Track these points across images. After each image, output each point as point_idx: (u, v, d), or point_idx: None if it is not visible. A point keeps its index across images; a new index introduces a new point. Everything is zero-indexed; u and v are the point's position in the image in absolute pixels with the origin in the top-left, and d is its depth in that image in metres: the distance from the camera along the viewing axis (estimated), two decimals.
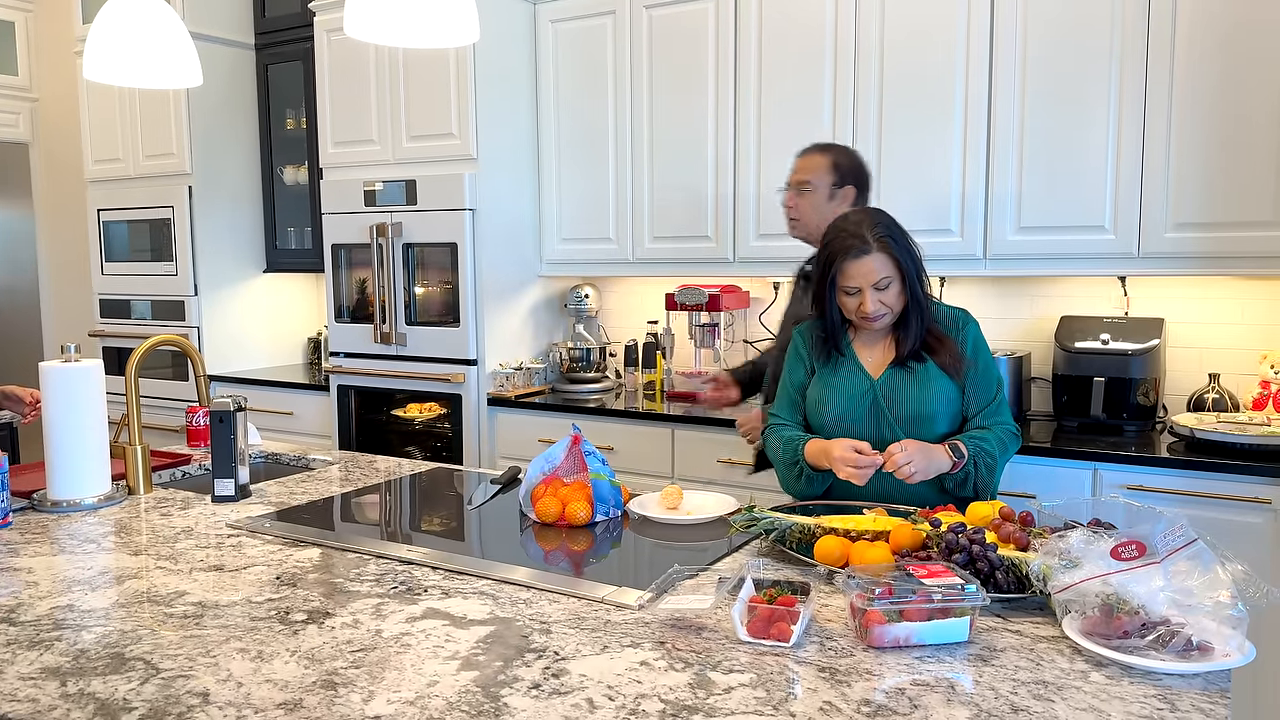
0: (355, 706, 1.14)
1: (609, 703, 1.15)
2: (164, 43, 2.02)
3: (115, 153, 4.53)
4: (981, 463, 1.88)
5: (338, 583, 1.58)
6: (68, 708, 1.15)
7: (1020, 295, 3.27)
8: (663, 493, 2.03)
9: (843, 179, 2.43)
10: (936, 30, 3.04)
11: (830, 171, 2.43)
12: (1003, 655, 1.29)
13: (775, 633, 1.32)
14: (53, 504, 2.02)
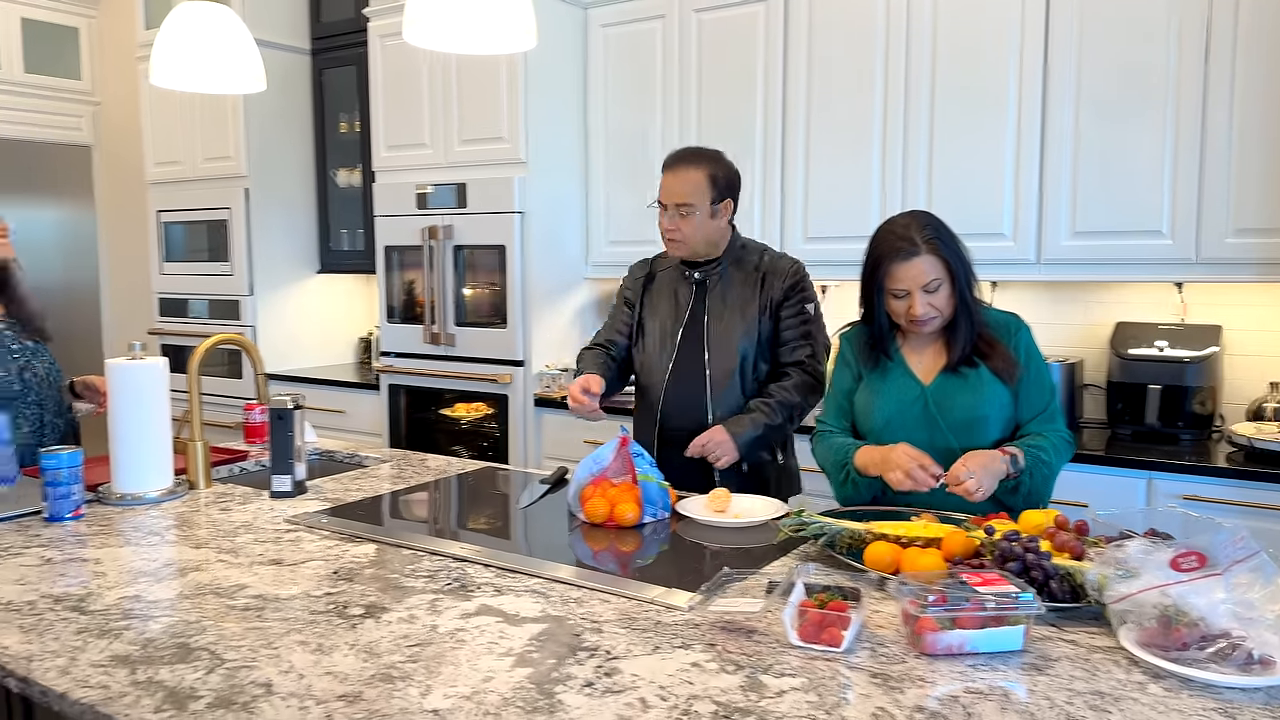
0: (413, 700, 1.16)
1: (661, 703, 1.16)
2: (229, 49, 2.07)
3: (175, 155, 4.65)
4: (1037, 473, 1.86)
5: (393, 578, 1.61)
6: (138, 695, 1.18)
7: (1073, 301, 3.23)
8: (710, 495, 2.04)
9: (720, 194, 2.30)
10: (990, 30, 3.01)
11: (710, 188, 2.28)
12: (1057, 665, 1.28)
13: (827, 638, 1.32)
14: (117, 497, 2.09)
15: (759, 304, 2.32)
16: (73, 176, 5.90)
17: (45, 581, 1.60)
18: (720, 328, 2.32)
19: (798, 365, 2.32)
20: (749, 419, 2.25)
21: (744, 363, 2.31)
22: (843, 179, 3.31)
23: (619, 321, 2.49)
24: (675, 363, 2.35)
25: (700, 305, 2.36)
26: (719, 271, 2.35)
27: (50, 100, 5.76)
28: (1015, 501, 1.88)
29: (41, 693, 1.23)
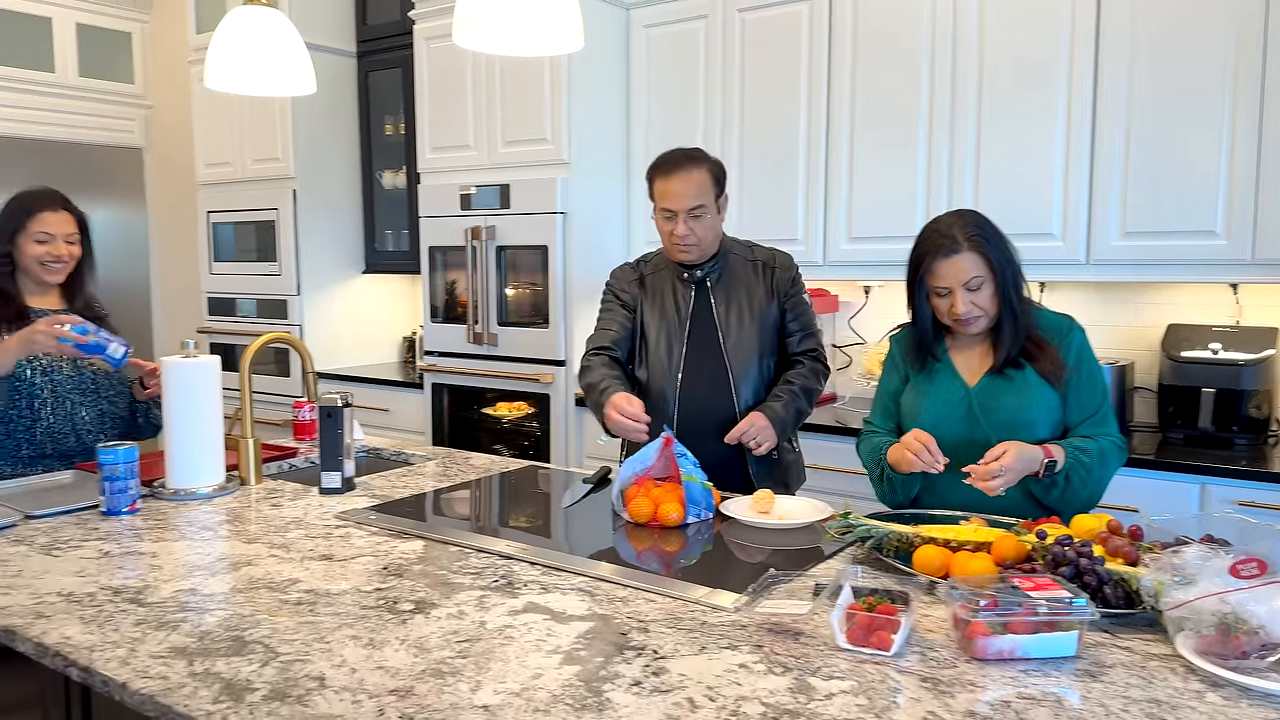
0: (464, 695, 1.18)
1: (709, 703, 1.16)
2: (281, 52, 2.11)
3: (225, 157, 4.74)
4: (1074, 475, 1.82)
5: (441, 575, 1.63)
6: (195, 686, 1.21)
7: (1123, 302, 3.17)
8: (754, 497, 2.03)
9: (721, 188, 2.32)
10: (1040, 27, 2.97)
11: (713, 185, 2.29)
12: (1112, 672, 1.26)
13: (875, 641, 1.31)
14: (172, 492, 2.13)
15: (767, 294, 2.35)
16: (125, 178, 6.03)
17: (104, 574, 1.64)
18: (734, 321, 2.34)
19: (808, 354, 2.39)
20: (780, 405, 2.29)
21: (761, 352, 2.35)
22: (887, 178, 3.28)
23: (616, 324, 2.43)
24: (687, 361, 2.35)
25: (704, 303, 2.37)
26: (718, 268, 2.37)
27: (104, 104, 5.90)
28: (1052, 500, 1.85)
29: (103, 682, 1.26)
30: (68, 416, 2.37)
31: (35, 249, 2.36)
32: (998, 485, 1.74)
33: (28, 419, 2.32)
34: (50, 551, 1.76)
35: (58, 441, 2.37)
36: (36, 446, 2.35)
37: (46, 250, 2.37)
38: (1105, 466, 1.87)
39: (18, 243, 2.36)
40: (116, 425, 2.48)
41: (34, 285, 2.42)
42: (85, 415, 2.40)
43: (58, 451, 2.38)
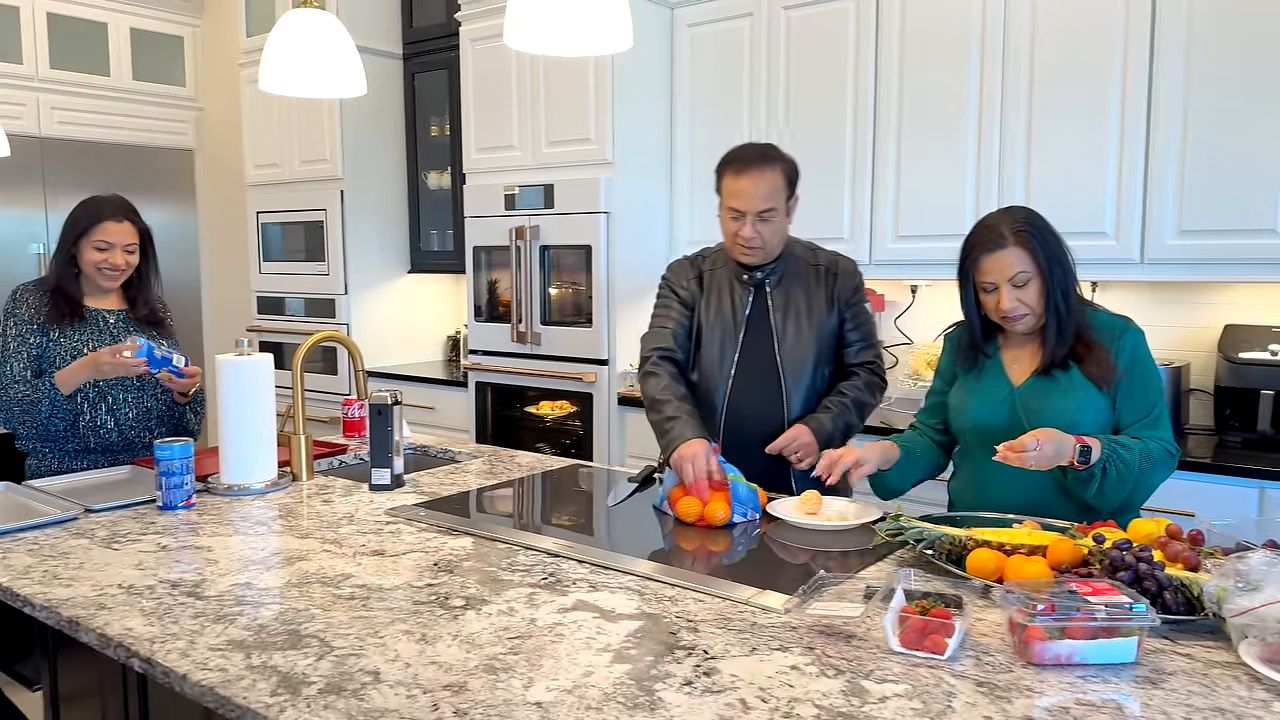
0: (517, 692, 1.18)
1: (762, 704, 1.16)
2: (333, 54, 2.14)
3: (273, 158, 4.81)
4: (1112, 469, 1.77)
5: (490, 571, 1.64)
6: (253, 679, 1.23)
7: (1179, 302, 3.11)
8: (801, 498, 2.02)
9: (793, 188, 2.22)
10: (1093, 24, 2.92)
11: (785, 187, 2.19)
12: (1173, 679, 1.23)
13: (929, 645, 1.29)
14: (225, 487, 2.17)
15: (827, 301, 2.28)
16: (176, 179, 6.16)
17: (162, 567, 1.67)
18: (791, 327, 2.26)
19: (865, 365, 2.31)
20: (829, 419, 2.22)
21: (818, 361, 2.27)
22: (935, 176, 3.24)
23: (674, 321, 2.35)
24: (739, 365, 2.27)
25: (762, 306, 2.29)
26: (779, 271, 2.29)
27: (156, 106, 6.02)
28: (1093, 499, 1.81)
29: (164, 673, 1.28)
30: (110, 412, 2.42)
31: (94, 255, 2.42)
32: (1029, 458, 1.70)
33: (72, 414, 2.37)
34: (110, 545, 1.80)
35: (101, 436, 2.42)
36: (81, 441, 2.41)
37: (104, 258, 2.43)
38: (1151, 469, 1.81)
39: (80, 247, 2.43)
40: (162, 422, 2.53)
41: (93, 287, 2.49)
42: (129, 411, 2.45)
43: (101, 446, 2.43)
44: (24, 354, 2.37)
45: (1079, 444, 1.75)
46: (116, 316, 2.51)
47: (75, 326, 2.42)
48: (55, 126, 5.58)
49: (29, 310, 2.41)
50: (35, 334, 2.39)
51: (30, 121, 5.47)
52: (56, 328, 2.40)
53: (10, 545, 1.80)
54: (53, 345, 2.39)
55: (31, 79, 5.49)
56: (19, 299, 2.44)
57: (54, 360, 2.38)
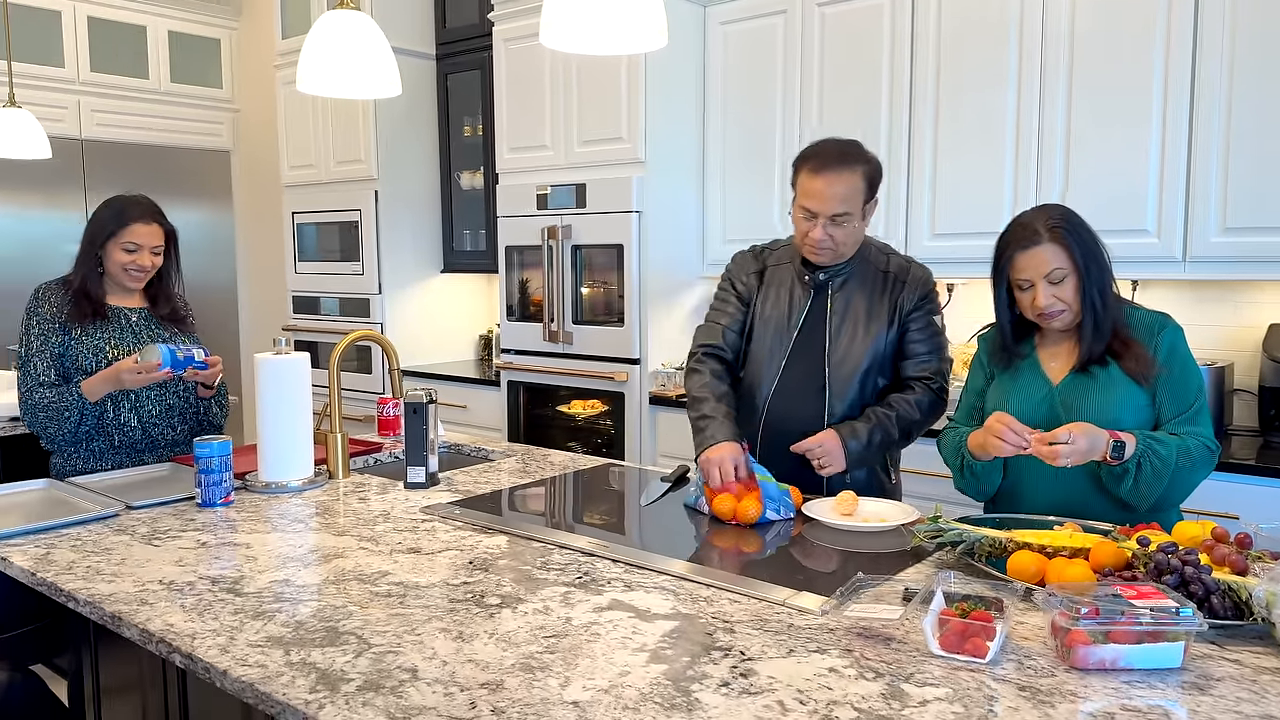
0: (554, 691, 1.18)
1: (800, 707, 1.15)
2: (369, 55, 2.15)
3: (309, 159, 4.86)
4: (1147, 465, 1.74)
5: (525, 570, 1.64)
6: (293, 675, 1.24)
7: (1222, 301, 3.05)
8: (837, 498, 2.00)
9: (873, 191, 2.12)
10: (1134, 10, 2.86)
11: (865, 190, 2.09)
12: (1220, 685, 1.20)
13: (970, 648, 1.28)
14: (263, 485, 2.19)
15: (888, 310, 2.17)
16: (213, 180, 6.24)
17: (202, 564, 1.69)
18: (845, 333, 2.17)
19: (923, 380, 2.18)
20: (865, 429, 2.11)
21: (867, 372, 2.17)
22: (972, 173, 3.21)
23: (728, 318, 2.29)
24: (787, 367, 2.21)
25: (820, 308, 2.20)
26: (845, 273, 2.20)
27: (194, 108, 6.11)
28: (1128, 495, 1.78)
29: (205, 669, 1.29)
30: (134, 410, 2.45)
31: (122, 257, 2.44)
32: (1062, 453, 1.68)
33: (97, 412, 2.39)
34: (151, 541, 1.82)
35: (126, 434, 2.45)
36: (106, 439, 2.43)
37: (132, 259, 2.44)
38: (1190, 466, 1.78)
39: (108, 248, 2.44)
40: (184, 418, 2.55)
41: (116, 287, 2.51)
42: (152, 409, 2.48)
43: (126, 444, 2.46)
44: (47, 353, 2.39)
45: (1113, 439, 1.73)
46: (139, 315, 2.53)
47: (98, 325, 2.44)
48: (95, 129, 5.67)
49: (51, 309, 2.42)
50: (57, 333, 2.40)
51: (71, 124, 5.56)
52: (78, 326, 2.42)
53: (54, 541, 1.83)
54: (74, 344, 2.41)
55: (72, 82, 5.59)
56: (42, 298, 2.45)
57: (76, 359, 2.40)
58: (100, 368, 2.39)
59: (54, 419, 2.34)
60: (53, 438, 2.40)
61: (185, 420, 2.56)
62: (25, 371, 2.37)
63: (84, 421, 2.37)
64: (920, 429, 2.19)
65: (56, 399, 2.34)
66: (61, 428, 2.36)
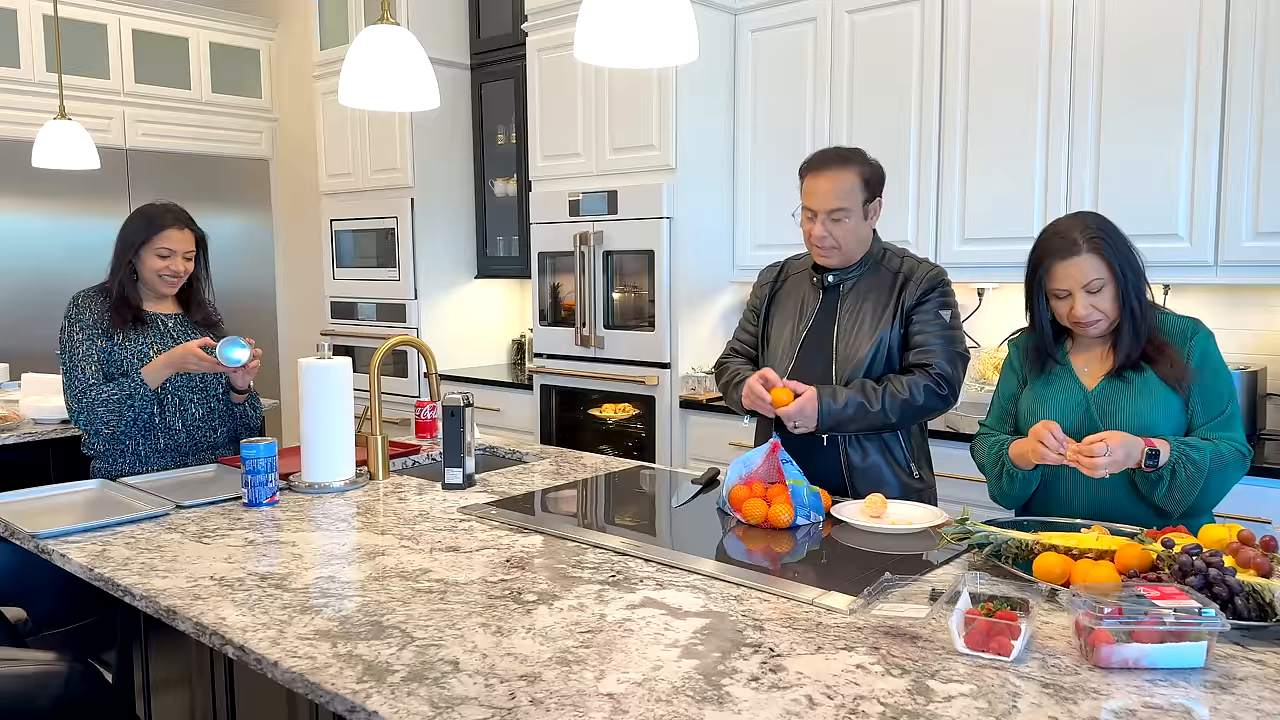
0: (589, 683, 1.23)
1: (828, 701, 1.18)
2: (408, 69, 2.21)
3: (347, 168, 4.96)
4: (1181, 471, 1.76)
5: (560, 568, 1.69)
6: (340, 666, 1.30)
7: (1255, 305, 3.04)
8: (866, 501, 2.03)
9: (872, 193, 2.22)
10: (1164, 24, 2.87)
11: (862, 189, 2.20)
12: (1243, 685, 1.23)
13: (995, 646, 1.31)
14: (306, 485, 2.26)
15: (892, 309, 2.23)
16: (252, 188, 6.37)
17: (250, 560, 1.76)
18: (850, 334, 2.24)
19: (922, 367, 2.21)
20: (845, 394, 2.16)
21: (872, 365, 2.22)
22: (1002, 179, 3.22)
23: (745, 332, 2.46)
24: (796, 364, 2.28)
25: (830, 308, 2.29)
26: (854, 276, 2.28)
27: (233, 117, 6.24)
28: (1159, 497, 1.79)
29: (256, 660, 1.36)
30: (178, 413, 2.53)
31: (156, 263, 2.52)
32: (1100, 465, 1.71)
33: (150, 409, 2.48)
34: (201, 539, 1.90)
35: (171, 436, 2.53)
36: (152, 441, 2.52)
37: (166, 265, 2.53)
38: (1224, 471, 1.80)
39: (141, 254, 2.52)
40: (223, 421, 2.63)
41: (150, 293, 2.59)
42: (195, 412, 2.56)
43: (170, 446, 2.54)
44: (94, 357, 2.47)
45: (1148, 447, 1.75)
46: (174, 320, 2.61)
47: (138, 330, 2.52)
48: (139, 138, 5.82)
49: (92, 315, 2.50)
50: (100, 338, 2.48)
51: (116, 134, 5.71)
52: (120, 332, 2.50)
53: (108, 538, 1.91)
54: (117, 348, 2.48)
55: (117, 93, 5.74)
56: (82, 305, 2.52)
57: (120, 363, 2.48)
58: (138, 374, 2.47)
59: (115, 412, 2.42)
60: (112, 433, 2.47)
61: (225, 423, 2.64)
62: (73, 376, 2.45)
63: (142, 412, 2.45)
64: (911, 410, 2.19)
65: (118, 391, 2.42)
66: (123, 419, 2.44)
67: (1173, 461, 1.76)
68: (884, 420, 2.17)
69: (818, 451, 2.25)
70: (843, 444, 2.24)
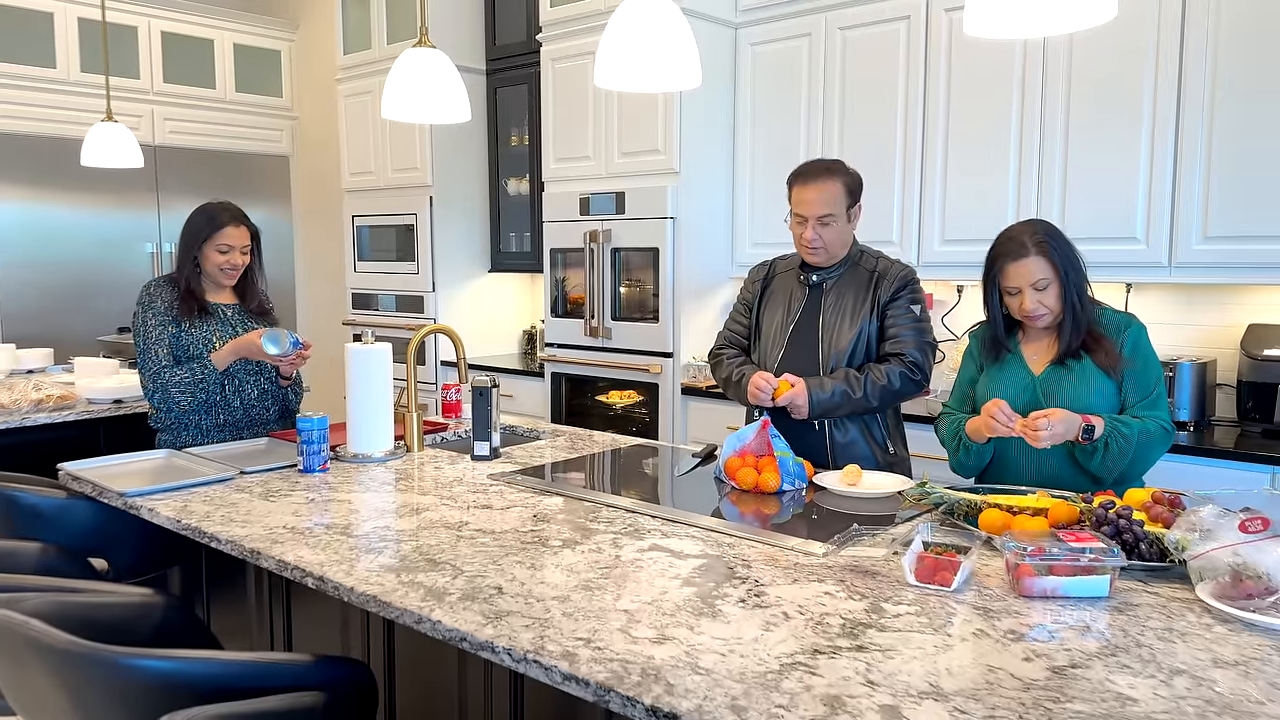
0: (608, 602, 1.52)
1: (800, 616, 1.48)
2: (443, 86, 2.50)
3: (368, 167, 5.24)
4: (1114, 444, 2.06)
5: (580, 522, 1.98)
6: (405, 590, 1.59)
7: (1206, 303, 3.33)
8: (843, 471, 2.32)
9: (854, 199, 2.51)
10: (1126, 45, 3.16)
11: (846, 196, 2.49)
12: (1138, 609, 1.52)
13: (939, 579, 1.60)
14: (351, 455, 2.55)
15: (869, 305, 2.52)
16: (273, 183, 6.65)
17: (314, 514, 2.05)
18: (835, 325, 2.53)
19: (897, 356, 2.49)
20: (831, 383, 2.45)
21: (854, 355, 2.51)
22: (979, 184, 3.51)
23: (737, 324, 2.74)
24: (786, 353, 2.58)
25: (815, 306, 2.58)
26: (836, 274, 2.58)
27: (256, 116, 6.53)
28: (1096, 469, 2.10)
29: (334, 587, 1.65)
30: (237, 393, 2.82)
31: (217, 258, 2.82)
32: (1043, 437, 2.00)
33: (214, 394, 2.77)
34: (267, 498, 2.19)
35: (230, 412, 2.83)
36: (212, 417, 2.81)
37: (226, 260, 2.82)
38: (1149, 444, 2.10)
39: (204, 250, 2.82)
40: (275, 400, 2.93)
41: (211, 284, 2.88)
42: (251, 391, 2.86)
43: (229, 422, 2.84)
44: (165, 340, 2.76)
45: (1084, 423, 2.04)
46: (233, 310, 2.91)
47: (203, 319, 2.82)
48: (167, 136, 6.10)
49: (163, 303, 2.80)
50: (170, 324, 2.78)
51: (146, 132, 6.00)
52: (187, 320, 2.80)
53: (187, 497, 2.20)
54: (184, 334, 2.78)
55: (147, 92, 6.02)
56: (154, 293, 2.82)
57: (187, 347, 2.77)
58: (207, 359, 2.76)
59: (189, 392, 2.71)
60: (184, 411, 2.76)
61: (275, 402, 2.93)
62: (148, 358, 2.75)
63: (213, 394, 2.74)
64: (889, 395, 2.48)
65: (190, 374, 2.71)
66: (195, 399, 2.73)
67: (1106, 435, 2.05)
68: (866, 405, 2.47)
69: (807, 432, 2.55)
70: (829, 424, 2.54)
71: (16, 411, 3.32)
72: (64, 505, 2.33)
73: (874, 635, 1.41)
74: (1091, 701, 1.20)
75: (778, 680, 1.26)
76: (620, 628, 1.43)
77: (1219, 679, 1.27)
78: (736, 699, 1.20)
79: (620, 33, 2.00)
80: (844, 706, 1.18)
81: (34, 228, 5.56)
